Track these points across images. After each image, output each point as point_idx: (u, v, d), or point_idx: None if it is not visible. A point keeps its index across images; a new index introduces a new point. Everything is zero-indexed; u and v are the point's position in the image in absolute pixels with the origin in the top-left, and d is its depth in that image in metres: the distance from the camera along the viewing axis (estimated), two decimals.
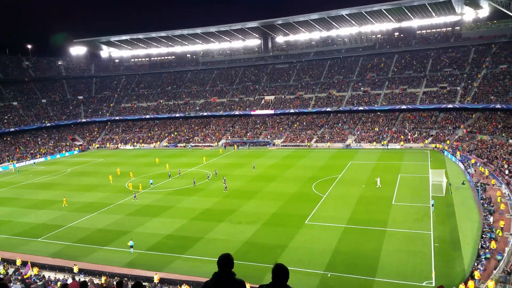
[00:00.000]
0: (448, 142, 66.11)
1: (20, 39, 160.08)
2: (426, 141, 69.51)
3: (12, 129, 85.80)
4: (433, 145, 67.54)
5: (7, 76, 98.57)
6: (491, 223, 31.77)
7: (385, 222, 34.49)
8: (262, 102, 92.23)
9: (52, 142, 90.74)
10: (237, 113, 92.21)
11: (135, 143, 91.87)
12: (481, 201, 36.71)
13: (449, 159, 58.51)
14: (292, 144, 79.31)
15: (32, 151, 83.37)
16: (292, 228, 34.58)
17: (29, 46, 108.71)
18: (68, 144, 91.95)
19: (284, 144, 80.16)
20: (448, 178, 45.20)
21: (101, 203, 45.68)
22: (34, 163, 77.41)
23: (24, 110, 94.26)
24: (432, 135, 70.91)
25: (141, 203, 45.14)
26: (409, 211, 36.94)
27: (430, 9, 79.95)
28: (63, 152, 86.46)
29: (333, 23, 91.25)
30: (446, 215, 35.27)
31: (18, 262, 30.30)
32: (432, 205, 36.87)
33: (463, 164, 51.96)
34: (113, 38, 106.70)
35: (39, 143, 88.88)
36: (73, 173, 66.08)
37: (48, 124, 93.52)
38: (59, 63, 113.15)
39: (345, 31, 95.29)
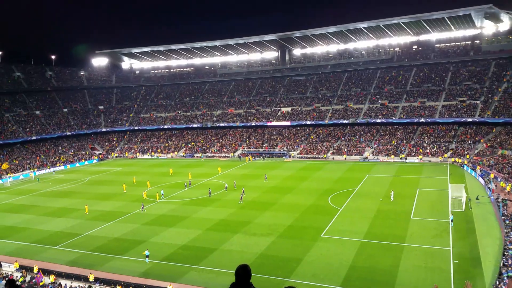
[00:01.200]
0: (467, 156, 64.78)
1: (44, 50, 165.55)
2: (445, 155, 68.27)
3: (33, 138, 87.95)
4: (453, 159, 66.26)
5: (30, 85, 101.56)
6: None
7: (403, 237, 33.86)
8: (279, 113, 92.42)
9: (72, 151, 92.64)
10: (253, 124, 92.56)
11: (152, 153, 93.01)
12: (503, 217, 35.73)
13: (469, 174, 57.26)
14: (309, 156, 78.96)
15: (52, 160, 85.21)
16: (307, 241, 34.26)
17: (53, 57, 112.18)
18: (87, 153, 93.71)
19: (300, 155, 79.89)
20: (467, 193, 44.20)
21: (118, 212, 46.22)
22: (53, 171, 79.02)
23: (46, 119, 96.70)
24: (451, 149, 69.63)
25: (157, 212, 45.51)
26: (428, 226, 36.19)
27: (449, 22, 79.28)
28: (83, 160, 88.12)
29: (351, 36, 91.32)
30: (466, 231, 34.42)
31: (35, 270, 30.83)
32: (452, 220, 36.07)
33: (483, 179, 50.76)
34: (134, 50, 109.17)
35: (59, 151, 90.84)
36: (91, 181, 67.19)
37: (69, 133, 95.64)
38: (81, 73, 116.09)
39: (362, 44, 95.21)
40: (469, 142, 69.77)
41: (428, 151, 70.73)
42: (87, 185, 64.55)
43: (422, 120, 76.07)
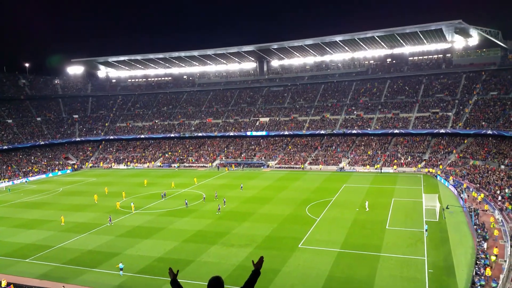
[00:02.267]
0: (441, 166, 66.58)
1: (17, 58, 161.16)
2: (419, 166, 69.95)
3: (5, 147, 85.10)
4: (426, 170, 67.95)
5: (3, 93, 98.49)
6: (485, 249, 31.70)
7: (379, 246, 34.31)
8: (257, 123, 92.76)
9: (45, 161, 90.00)
10: (232, 134, 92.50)
11: (128, 163, 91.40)
12: (475, 226, 36.74)
13: (442, 184, 58.78)
14: (286, 166, 79.37)
15: (24, 170, 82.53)
16: (285, 251, 34.25)
17: (27, 65, 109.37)
18: (61, 163, 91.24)
19: (278, 165, 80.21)
20: (441, 203, 45.32)
21: (92, 224, 45.06)
22: (25, 181, 76.52)
23: (19, 128, 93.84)
24: (424, 160, 71.43)
25: (133, 224, 44.59)
26: (403, 235, 36.83)
27: (421, 36, 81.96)
28: (56, 171, 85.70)
29: (327, 49, 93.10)
30: (440, 241, 35.19)
31: (4, 284, 29.57)
32: (426, 230, 36.83)
33: (456, 189, 52.20)
34: (111, 59, 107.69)
35: (32, 161, 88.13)
36: (64, 192, 65.37)
37: (42, 143, 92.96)
38: (56, 82, 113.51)
39: (338, 57, 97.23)
40: (442, 152, 71.79)
41: (402, 161, 72.32)
42: (60, 195, 62.75)
43: (396, 131, 77.88)
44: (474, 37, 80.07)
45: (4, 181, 73.50)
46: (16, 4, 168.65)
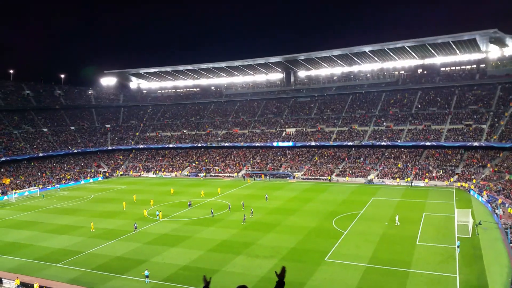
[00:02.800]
0: (474, 181, 64.13)
1: (54, 69, 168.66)
2: (452, 179, 67.64)
3: (40, 154, 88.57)
4: (459, 184, 65.61)
5: (39, 103, 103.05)
6: None
7: (408, 262, 33.24)
8: (283, 134, 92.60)
9: (78, 168, 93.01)
10: (258, 144, 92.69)
11: (157, 172, 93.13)
12: (511, 244, 35.03)
13: (475, 199, 56.56)
14: (313, 177, 78.58)
15: (58, 177, 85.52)
16: (311, 264, 33.72)
17: (62, 76, 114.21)
18: (93, 170, 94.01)
19: (305, 177, 79.53)
20: (474, 219, 43.56)
21: (121, 230, 45.97)
22: (58, 188, 79.22)
23: (53, 136, 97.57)
24: (457, 173, 69.03)
25: (160, 232, 45.22)
26: (434, 251, 35.55)
27: (454, 46, 79.96)
28: (88, 178, 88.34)
29: (355, 59, 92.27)
30: (473, 258, 33.73)
31: (36, 287, 30.52)
32: (458, 246, 35.39)
33: (491, 205, 50.07)
34: (142, 70, 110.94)
35: (65, 168, 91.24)
36: (96, 199, 67.16)
37: (75, 151, 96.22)
38: (90, 92, 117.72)
39: (367, 67, 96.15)
40: (476, 166, 69.20)
41: (434, 175, 70.17)
42: (91, 202, 64.51)
43: (428, 143, 75.76)
44: (510, 47, 77.37)
45: (39, 187, 76.35)
46: (52, 17, 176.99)
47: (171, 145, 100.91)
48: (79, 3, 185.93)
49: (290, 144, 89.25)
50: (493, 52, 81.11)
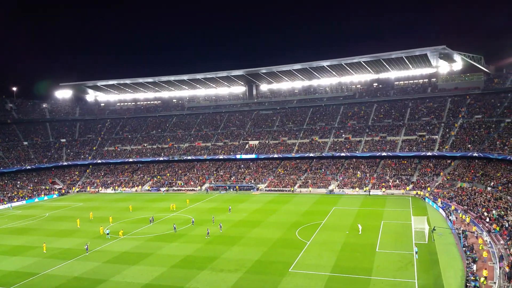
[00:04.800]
0: (428, 189, 67.19)
1: (5, 81, 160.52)
2: (407, 188, 70.50)
3: None
4: (414, 192, 68.47)
5: None
6: (475, 271, 31.81)
7: (369, 270, 34.15)
8: (246, 146, 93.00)
9: (31, 186, 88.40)
10: (221, 157, 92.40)
11: (116, 187, 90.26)
12: (464, 248, 36.93)
13: (430, 206, 59.19)
14: (276, 189, 79.22)
15: (9, 195, 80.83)
16: (276, 276, 33.83)
17: (14, 89, 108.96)
18: (47, 187, 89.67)
19: (268, 188, 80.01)
20: (430, 225, 45.54)
21: (78, 250, 44.03)
22: (11, 206, 74.85)
23: (5, 152, 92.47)
24: (412, 182, 72.08)
25: (120, 249, 43.73)
26: (393, 258, 36.76)
27: (407, 61, 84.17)
28: (42, 195, 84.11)
29: (315, 73, 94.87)
30: (430, 263, 35.19)
31: None
32: (416, 253, 36.84)
33: (444, 211, 52.59)
34: (100, 83, 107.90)
35: (18, 186, 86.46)
36: (51, 217, 64.01)
37: (28, 167, 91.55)
38: (44, 105, 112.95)
39: (326, 81, 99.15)
40: (430, 175, 72.59)
41: (391, 184, 72.85)
42: (46, 221, 61.41)
43: (384, 154, 78.73)
44: (458, 62, 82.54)
45: None
46: (3, 30, 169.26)
47: (131, 160, 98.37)
48: (31, 11, 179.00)
49: (253, 156, 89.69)
50: (443, 67, 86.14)
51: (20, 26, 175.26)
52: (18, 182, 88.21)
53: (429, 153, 74.74)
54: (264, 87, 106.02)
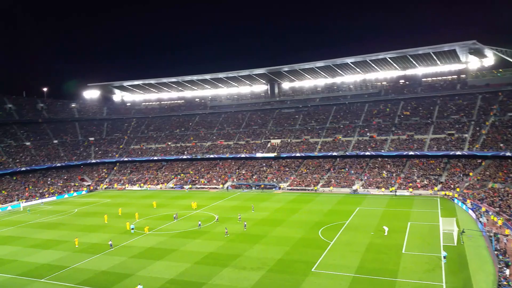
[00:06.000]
0: (458, 189, 65.16)
1: (36, 82, 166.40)
2: (436, 188, 68.61)
3: (23, 169, 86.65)
4: (443, 193, 66.56)
5: (22, 117, 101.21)
6: (508, 276, 30.53)
7: (395, 272, 33.39)
8: (268, 145, 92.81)
9: (62, 182, 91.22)
10: (243, 156, 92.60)
11: (142, 184, 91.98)
12: (496, 252, 35.52)
13: (459, 207, 57.40)
14: (298, 188, 78.69)
15: (41, 191, 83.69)
16: (298, 275, 33.56)
17: (45, 89, 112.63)
18: (76, 184, 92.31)
19: (290, 187, 79.58)
20: (459, 227, 44.15)
21: (106, 245, 45.01)
22: (42, 202, 77.48)
23: (36, 150, 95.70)
24: (441, 182, 70.09)
25: (145, 245, 44.51)
26: (420, 260, 35.81)
27: (435, 57, 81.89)
28: (72, 192, 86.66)
29: (338, 71, 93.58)
30: (459, 266, 34.07)
31: None
32: (444, 257, 35.39)
33: (474, 213, 50.87)
34: (126, 83, 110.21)
35: (49, 182, 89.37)
36: (79, 213, 65.85)
37: (58, 164, 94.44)
38: (73, 105, 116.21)
39: (350, 78, 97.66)
40: (459, 175, 70.41)
41: (418, 184, 71.08)
42: (75, 216, 63.22)
43: (411, 153, 76.86)
44: (490, 58, 79.62)
45: (22, 202, 74.62)
46: (34, 30, 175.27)
47: (155, 158, 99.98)
48: (61, 16, 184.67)
49: (275, 155, 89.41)
50: (473, 62, 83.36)
51: (50, 30, 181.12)
52: (49, 179, 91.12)
53: (458, 152, 72.47)
54: (286, 85, 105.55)
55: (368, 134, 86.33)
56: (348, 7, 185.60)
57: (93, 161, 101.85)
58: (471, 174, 68.91)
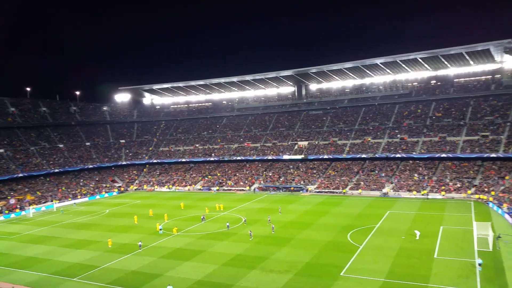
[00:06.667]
0: (493, 193, 62.66)
1: (69, 86, 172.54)
2: (469, 192, 66.26)
3: (56, 170, 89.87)
4: (477, 196, 64.21)
5: (55, 120, 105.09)
6: None
7: (427, 277, 32.44)
8: (295, 147, 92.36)
9: (93, 183, 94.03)
10: (270, 158, 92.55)
11: (170, 186, 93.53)
12: None
13: (494, 211, 55.20)
14: (326, 190, 77.84)
15: (73, 192, 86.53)
16: (327, 279, 33.16)
17: (77, 93, 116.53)
18: (108, 185, 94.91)
19: (318, 190, 78.84)
20: (494, 232, 42.45)
21: (136, 245, 45.97)
22: (74, 203, 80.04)
23: (69, 152, 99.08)
24: (475, 185, 67.63)
25: (174, 246, 45.19)
26: (453, 266, 34.65)
27: (467, 57, 79.27)
28: (103, 193, 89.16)
29: (367, 71, 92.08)
30: (495, 272, 32.75)
31: None
32: (479, 264, 33.81)
33: (511, 217, 48.77)
34: (155, 86, 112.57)
35: (81, 183, 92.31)
36: (110, 214, 67.63)
37: (90, 166, 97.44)
38: (104, 108, 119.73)
39: (379, 79, 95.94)
40: (494, 178, 67.72)
41: (450, 187, 68.88)
42: (106, 217, 64.99)
43: (444, 155, 74.59)
44: None
45: (55, 203, 77.33)
46: (67, 35, 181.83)
47: (184, 160, 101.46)
48: (92, 22, 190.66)
49: (302, 157, 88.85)
50: (508, 62, 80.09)
51: (83, 35, 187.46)
52: (81, 180, 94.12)
53: (493, 155, 69.75)
54: (313, 86, 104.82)
55: (398, 136, 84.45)
56: (376, 6, 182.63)
57: (124, 163, 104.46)
58: (507, 177, 66.15)
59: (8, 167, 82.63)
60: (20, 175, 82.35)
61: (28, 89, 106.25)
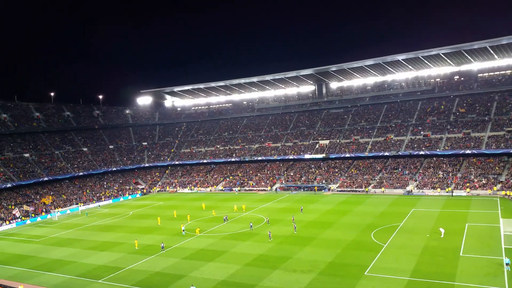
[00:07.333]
0: None
1: (92, 90, 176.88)
2: (495, 188, 64.48)
3: (80, 173, 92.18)
4: (503, 192, 62.42)
5: (79, 124, 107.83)
6: None
7: (453, 275, 31.83)
8: (317, 146, 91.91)
9: (117, 186, 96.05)
10: (291, 157, 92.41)
11: (192, 187, 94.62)
12: None
13: None
14: (348, 189, 77.18)
15: (98, 194, 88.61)
16: (350, 279, 32.95)
17: (100, 97, 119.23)
18: (131, 187, 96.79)
19: (340, 189, 78.24)
20: None
21: (159, 246, 46.74)
22: (99, 206, 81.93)
23: (93, 155, 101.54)
24: (501, 182, 65.76)
25: (197, 246, 45.73)
26: (480, 263, 33.88)
27: (491, 51, 77.12)
28: (127, 195, 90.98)
29: (389, 68, 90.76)
30: None
31: None
32: (507, 264, 32.84)
33: None
34: (176, 89, 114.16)
35: (105, 186, 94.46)
36: (134, 215, 68.95)
37: (114, 169, 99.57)
38: (127, 111, 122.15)
39: (401, 76, 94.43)
40: None
41: (476, 183, 67.21)
42: (130, 219, 66.28)
43: (468, 151, 72.86)
44: None
45: (80, 205, 79.35)
46: (89, 41, 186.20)
47: (205, 161, 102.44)
48: (113, 26, 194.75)
49: (324, 156, 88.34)
50: None
51: (103, 40, 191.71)
52: (105, 183, 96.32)
53: None
54: (333, 85, 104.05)
55: (422, 132, 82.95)
56: (396, 2, 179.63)
57: (147, 165, 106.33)
58: None
59: (33, 171, 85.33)
60: (45, 179, 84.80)
61: (52, 94, 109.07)
